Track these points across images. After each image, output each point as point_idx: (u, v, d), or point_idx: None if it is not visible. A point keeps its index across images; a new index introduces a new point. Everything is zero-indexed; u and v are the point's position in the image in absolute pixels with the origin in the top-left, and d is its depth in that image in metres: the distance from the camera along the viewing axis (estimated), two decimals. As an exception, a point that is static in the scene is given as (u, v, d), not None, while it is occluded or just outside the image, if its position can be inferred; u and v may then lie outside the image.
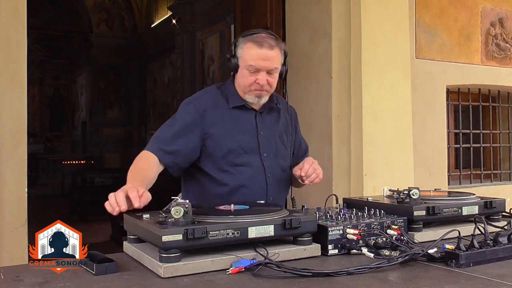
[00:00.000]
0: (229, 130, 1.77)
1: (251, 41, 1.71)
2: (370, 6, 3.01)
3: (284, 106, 1.95)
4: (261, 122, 1.83)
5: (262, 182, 1.78)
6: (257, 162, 1.78)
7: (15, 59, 2.37)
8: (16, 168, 2.35)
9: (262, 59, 1.69)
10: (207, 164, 1.77)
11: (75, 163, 12.01)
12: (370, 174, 2.94)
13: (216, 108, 1.79)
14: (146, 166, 1.68)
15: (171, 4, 11.31)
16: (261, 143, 1.80)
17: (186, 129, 1.75)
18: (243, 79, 1.74)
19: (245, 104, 1.80)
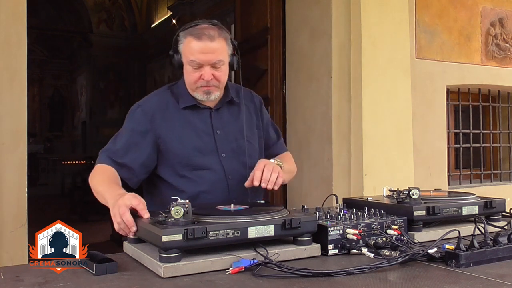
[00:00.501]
0: (182, 133, 1.67)
1: (189, 35, 1.60)
2: (370, 6, 3.01)
3: (247, 97, 1.83)
4: (217, 120, 1.72)
5: (223, 185, 1.68)
6: (216, 163, 1.68)
7: (15, 59, 2.37)
8: (16, 168, 2.35)
9: (202, 52, 1.57)
10: (164, 170, 1.68)
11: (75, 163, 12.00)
12: (370, 174, 2.94)
13: (165, 110, 1.69)
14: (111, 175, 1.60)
15: (171, 4, 11.31)
16: (218, 143, 1.70)
17: (137, 137, 1.65)
18: (188, 76, 1.64)
19: (197, 103, 1.70)
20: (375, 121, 3.00)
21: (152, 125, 1.66)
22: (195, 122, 1.70)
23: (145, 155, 1.65)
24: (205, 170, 1.67)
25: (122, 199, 1.35)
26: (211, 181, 1.67)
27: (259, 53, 3.69)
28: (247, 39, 3.84)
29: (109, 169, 1.62)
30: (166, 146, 1.66)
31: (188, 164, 1.66)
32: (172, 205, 1.18)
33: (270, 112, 3.56)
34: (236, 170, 1.71)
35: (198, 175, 1.67)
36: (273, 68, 3.55)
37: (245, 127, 1.74)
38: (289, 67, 3.47)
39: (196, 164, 1.67)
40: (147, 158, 1.66)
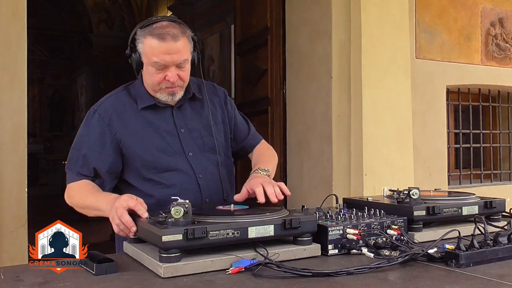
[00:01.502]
0: (143, 134, 1.60)
1: (151, 35, 1.51)
2: (370, 6, 3.01)
3: (210, 91, 1.75)
4: (180, 118, 1.66)
5: (194, 185, 1.62)
6: (183, 164, 1.62)
7: (15, 59, 2.37)
8: (16, 168, 2.35)
9: (167, 53, 1.50)
10: (130, 174, 1.62)
11: (75, 163, 11.97)
12: (370, 174, 2.94)
13: (123, 112, 1.61)
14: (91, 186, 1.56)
15: (171, 4, 11.31)
16: (183, 142, 1.64)
17: (98, 145, 1.59)
18: (150, 77, 1.56)
19: (157, 102, 1.63)
20: (375, 121, 3.00)
21: (111, 129, 1.59)
22: (157, 123, 1.63)
23: (109, 161, 1.59)
24: (173, 172, 1.61)
25: (119, 201, 1.33)
26: (181, 182, 1.61)
27: (259, 53, 3.70)
28: (247, 39, 3.84)
29: (84, 183, 1.58)
30: (128, 149, 1.60)
31: (153, 166, 1.60)
32: (172, 205, 1.18)
33: (270, 112, 3.56)
34: (205, 168, 1.65)
35: (165, 177, 1.60)
36: (273, 68, 3.55)
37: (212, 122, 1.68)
38: (289, 67, 3.47)
39: (162, 166, 1.60)
40: (112, 164, 1.60)
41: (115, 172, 1.62)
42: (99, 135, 1.60)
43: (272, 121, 3.55)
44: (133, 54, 1.56)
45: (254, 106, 3.68)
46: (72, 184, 1.60)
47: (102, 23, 14.38)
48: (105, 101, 1.67)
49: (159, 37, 1.49)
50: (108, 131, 1.60)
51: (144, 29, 1.53)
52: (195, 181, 1.63)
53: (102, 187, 1.59)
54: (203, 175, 1.64)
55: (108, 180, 1.61)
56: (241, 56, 3.87)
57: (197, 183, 1.63)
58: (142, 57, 1.55)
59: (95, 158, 1.58)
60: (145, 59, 1.54)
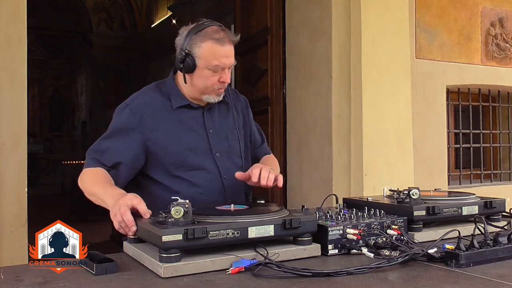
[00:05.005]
0: (174, 132, 1.64)
1: (210, 39, 1.56)
2: (370, 6, 3.01)
3: (234, 97, 1.81)
4: (210, 120, 1.71)
5: (219, 185, 1.67)
6: (210, 163, 1.66)
7: (15, 59, 2.37)
8: (16, 168, 2.35)
9: (226, 56, 1.58)
10: (156, 171, 1.64)
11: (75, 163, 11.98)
12: (370, 174, 2.94)
13: (156, 109, 1.64)
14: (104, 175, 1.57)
15: (171, 4, 11.32)
16: (212, 143, 1.68)
17: (124, 137, 1.61)
18: (203, 80, 1.60)
19: (190, 102, 1.68)
20: (375, 121, 3.00)
21: (141, 124, 1.62)
22: (188, 122, 1.67)
23: (132, 155, 1.61)
24: (200, 171, 1.65)
25: (123, 199, 1.34)
26: (207, 181, 1.65)
27: (259, 53, 3.69)
28: (247, 39, 3.84)
29: (99, 171, 1.59)
30: (157, 146, 1.62)
31: (182, 164, 1.63)
32: (172, 205, 1.18)
33: (270, 112, 3.56)
34: (229, 170, 1.69)
35: (192, 175, 1.64)
36: (273, 68, 3.54)
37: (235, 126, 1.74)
38: (289, 67, 3.47)
39: (190, 164, 1.64)
40: (135, 159, 1.62)
41: (135, 167, 1.64)
42: (127, 129, 1.62)
43: (272, 121, 3.55)
44: (188, 58, 1.58)
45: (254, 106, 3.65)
46: (87, 169, 1.61)
47: (102, 23, 14.39)
48: (137, 98, 1.70)
49: (219, 41, 1.56)
50: (137, 127, 1.62)
51: (200, 34, 1.57)
52: (220, 181, 1.67)
53: (116, 180, 1.60)
54: (227, 176, 1.68)
55: (125, 174, 1.63)
56: (241, 56, 3.87)
57: (222, 183, 1.67)
58: (197, 61, 1.57)
59: (117, 151, 1.61)
60: (202, 62, 1.58)
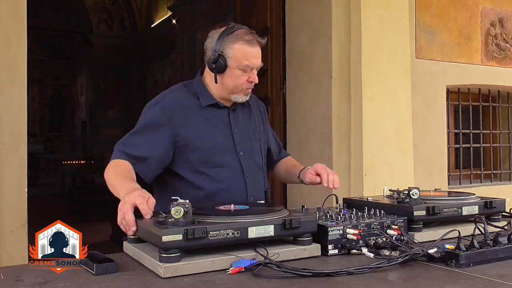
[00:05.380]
0: (202, 129, 1.70)
1: (241, 40, 1.65)
2: (370, 6, 3.01)
3: (254, 101, 1.88)
4: (234, 120, 1.77)
5: (241, 182, 1.73)
6: (234, 161, 1.73)
7: (15, 59, 2.37)
8: (16, 168, 2.35)
9: (255, 57, 1.67)
10: (182, 167, 1.69)
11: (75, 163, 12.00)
12: (370, 174, 2.94)
13: (185, 107, 1.71)
14: (126, 168, 1.60)
15: (171, 4, 11.32)
16: (236, 142, 1.75)
17: (154, 132, 1.66)
18: (234, 79, 1.67)
19: (218, 102, 1.74)
20: (375, 121, 3.00)
21: (171, 121, 1.67)
22: (215, 121, 1.74)
23: (162, 150, 1.66)
24: (224, 168, 1.71)
25: (129, 196, 1.34)
26: (230, 178, 1.71)
27: (259, 53, 3.69)
28: (247, 39, 3.83)
29: (123, 163, 1.62)
30: (185, 142, 1.68)
31: (207, 161, 1.69)
32: (172, 205, 1.18)
33: (270, 112, 3.56)
34: (252, 169, 1.76)
35: (217, 172, 1.69)
36: (273, 68, 3.55)
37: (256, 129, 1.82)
38: (289, 67, 3.47)
39: (215, 161, 1.70)
40: (164, 154, 1.67)
41: (164, 161, 1.68)
42: (157, 125, 1.67)
43: (272, 121, 3.54)
44: (220, 59, 1.66)
45: (254, 106, 3.68)
46: (114, 161, 1.64)
47: (102, 23, 14.38)
48: (167, 95, 1.76)
49: (250, 43, 1.65)
50: (167, 123, 1.67)
51: (230, 36, 1.66)
52: (242, 179, 1.73)
53: (145, 173, 1.65)
54: (249, 175, 1.75)
55: (156, 168, 1.67)
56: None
57: (244, 181, 1.73)
58: (228, 61, 1.65)
59: (147, 146, 1.65)
60: (233, 63, 1.66)
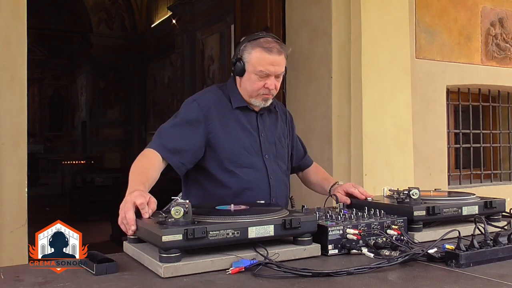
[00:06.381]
0: (233, 130, 1.77)
1: (260, 47, 1.72)
2: (370, 6, 3.01)
3: (281, 108, 1.97)
4: (262, 124, 1.84)
5: (266, 184, 1.79)
6: (260, 163, 1.80)
7: (15, 59, 2.37)
8: (16, 168, 2.35)
9: (271, 64, 1.71)
10: (211, 163, 1.76)
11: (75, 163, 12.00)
12: (370, 174, 2.94)
13: (219, 107, 1.78)
14: (149, 165, 1.65)
15: (171, 4, 11.31)
16: (262, 145, 1.81)
17: (190, 127, 1.73)
18: (251, 83, 1.75)
19: (248, 105, 1.81)
20: (375, 121, 3.00)
21: (206, 119, 1.74)
22: (244, 123, 1.81)
23: (197, 145, 1.72)
24: (250, 169, 1.77)
25: (130, 196, 1.35)
26: (255, 179, 1.77)
27: (259, 53, 3.69)
28: (247, 39, 3.84)
29: (151, 158, 1.66)
30: (217, 140, 1.74)
31: (235, 160, 1.75)
32: (172, 205, 1.18)
33: (270, 112, 3.55)
34: (276, 172, 1.83)
35: (243, 172, 1.76)
36: (273, 68, 3.54)
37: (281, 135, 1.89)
38: (289, 67, 3.44)
39: (242, 162, 1.76)
40: (198, 149, 1.73)
41: (197, 156, 1.74)
42: (193, 121, 1.74)
43: (272, 121, 3.55)
44: (238, 62, 1.75)
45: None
46: (147, 150, 1.69)
47: (102, 23, 14.39)
48: (204, 95, 1.84)
49: (268, 50, 1.71)
50: (203, 120, 1.74)
51: (252, 42, 1.74)
52: (267, 181, 1.80)
53: (179, 165, 1.69)
54: (273, 177, 1.82)
55: (190, 161, 1.73)
56: (241, 56, 3.86)
57: (269, 183, 1.80)
58: (246, 65, 1.74)
59: (184, 139, 1.71)
60: (250, 67, 1.73)
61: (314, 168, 2.14)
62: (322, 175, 2.10)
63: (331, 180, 2.00)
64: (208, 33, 9.83)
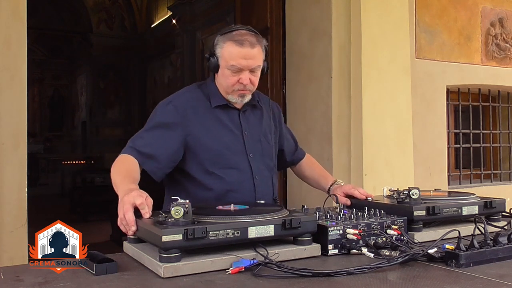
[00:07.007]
0: (213, 130, 1.71)
1: (231, 40, 1.64)
2: (370, 6, 3.01)
3: (266, 103, 1.89)
4: (245, 121, 1.78)
5: (250, 184, 1.73)
6: (244, 163, 1.73)
7: (15, 59, 2.37)
8: (16, 168, 2.35)
9: (243, 58, 1.63)
10: (192, 166, 1.70)
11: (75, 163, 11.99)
12: (370, 174, 2.94)
13: (197, 107, 1.72)
14: (130, 167, 1.60)
15: (171, 4, 11.31)
16: (246, 143, 1.75)
17: (166, 131, 1.67)
18: (225, 79, 1.68)
19: (228, 103, 1.74)
20: (375, 121, 3.00)
21: (184, 120, 1.68)
22: (226, 122, 1.74)
23: (173, 148, 1.67)
24: (234, 169, 1.71)
25: (128, 197, 1.34)
26: (239, 180, 1.71)
27: (259, 53, 3.69)
28: (247, 39, 3.84)
29: (130, 161, 1.62)
30: (197, 142, 1.69)
31: (217, 161, 1.70)
32: (172, 205, 1.18)
33: (270, 112, 3.55)
34: (261, 171, 1.77)
35: (226, 173, 1.70)
36: (273, 68, 3.55)
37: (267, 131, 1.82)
38: (289, 67, 3.47)
39: (225, 163, 1.70)
40: (174, 153, 1.68)
41: (174, 160, 1.69)
42: (169, 124, 1.68)
43: (272, 121, 3.55)
44: (212, 58, 1.68)
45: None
46: (122, 156, 1.65)
47: (102, 23, 14.39)
48: (180, 96, 1.77)
49: (239, 43, 1.63)
50: (180, 122, 1.68)
51: (224, 35, 1.66)
52: (251, 181, 1.74)
53: (154, 171, 1.65)
54: (258, 177, 1.75)
55: (166, 166, 1.67)
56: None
57: (253, 183, 1.74)
58: (219, 60, 1.67)
59: (158, 144, 1.66)
60: (222, 62, 1.66)
61: (307, 161, 2.08)
62: (319, 171, 2.04)
63: (329, 178, 1.95)
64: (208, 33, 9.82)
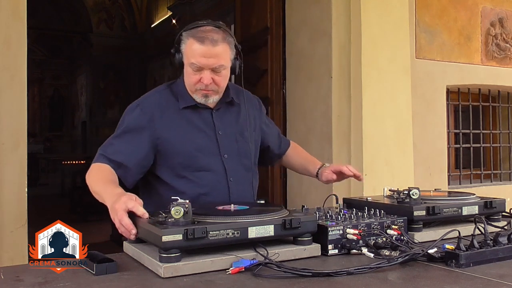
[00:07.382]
0: (183, 132, 1.64)
1: (192, 37, 1.56)
2: (370, 6, 3.01)
3: (246, 99, 1.78)
4: (219, 120, 1.70)
5: (224, 186, 1.67)
6: (218, 165, 1.66)
7: (15, 59, 2.37)
8: (16, 168, 2.35)
9: (204, 56, 1.55)
10: (163, 171, 1.65)
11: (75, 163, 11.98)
12: (370, 174, 2.94)
13: (166, 109, 1.65)
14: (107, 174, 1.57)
15: (171, 4, 11.32)
16: (220, 144, 1.68)
17: (134, 136, 1.62)
18: (188, 77, 1.62)
19: (197, 103, 1.66)
20: (375, 121, 3.00)
21: (151, 124, 1.62)
22: (197, 123, 1.67)
23: (142, 154, 1.61)
24: (206, 172, 1.65)
25: (119, 203, 1.31)
26: (212, 183, 1.65)
27: (259, 53, 3.69)
28: (247, 39, 3.84)
29: (105, 168, 1.58)
30: (167, 146, 1.63)
31: (189, 165, 1.63)
32: (172, 205, 1.18)
33: (270, 112, 3.56)
34: (237, 172, 1.70)
35: (198, 176, 1.64)
36: (273, 68, 3.55)
37: (248, 129, 1.74)
38: (289, 67, 3.47)
39: (197, 165, 1.64)
40: (144, 158, 1.62)
41: (145, 166, 1.64)
42: (137, 129, 1.63)
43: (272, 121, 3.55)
44: (176, 53, 1.61)
45: (254, 106, 3.68)
46: (95, 165, 1.61)
47: (102, 23, 14.39)
48: (148, 98, 1.71)
49: (199, 39, 1.55)
50: (147, 126, 1.62)
51: (188, 31, 1.59)
52: (225, 183, 1.67)
53: (125, 178, 1.60)
54: (234, 178, 1.68)
55: (136, 172, 1.63)
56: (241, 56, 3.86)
57: (227, 185, 1.67)
58: (183, 57, 1.60)
59: (127, 150, 1.60)
60: (185, 59, 1.60)
61: (293, 149, 2.01)
62: (305, 156, 1.99)
63: (317, 162, 1.89)
64: (208, 33, 9.81)
